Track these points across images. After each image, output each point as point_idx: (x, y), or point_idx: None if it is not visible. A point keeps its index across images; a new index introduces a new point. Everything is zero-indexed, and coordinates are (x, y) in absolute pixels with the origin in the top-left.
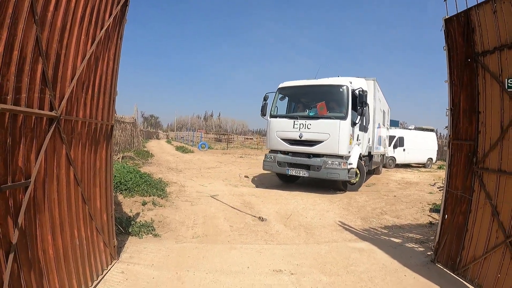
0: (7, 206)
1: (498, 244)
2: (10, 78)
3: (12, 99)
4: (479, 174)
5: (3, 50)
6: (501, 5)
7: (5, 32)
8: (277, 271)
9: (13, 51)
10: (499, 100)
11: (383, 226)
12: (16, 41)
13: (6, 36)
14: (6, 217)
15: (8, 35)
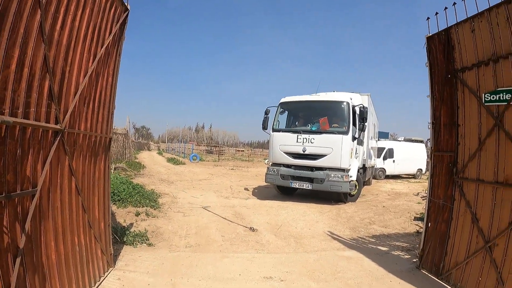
0: (15, 212)
1: (479, 249)
2: (20, 94)
3: (22, 112)
4: (459, 183)
5: (15, 67)
6: (478, 24)
7: (17, 50)
8: (267, 278)
9: (23, 68)
10: (477, 114)
11: (371, 236)
12: (27, 59)
13: (18, 54)
14: (15, 223)
15: (20, 54)
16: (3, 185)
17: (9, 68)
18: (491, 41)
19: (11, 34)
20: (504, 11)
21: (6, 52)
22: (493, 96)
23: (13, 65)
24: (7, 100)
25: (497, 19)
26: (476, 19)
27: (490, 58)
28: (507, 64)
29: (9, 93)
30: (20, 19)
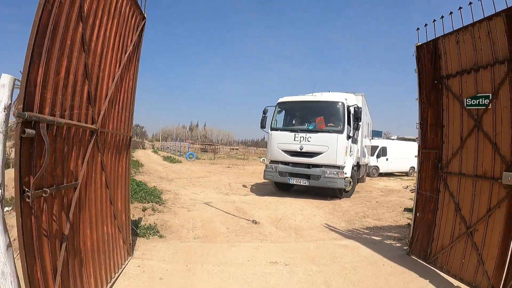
0: (62, 203)
1: (461, 235)
2: (67, 98)
3: (69, 114)
4: (443, 177)
5: (64, 74)
6: (463, 36)
7: (65, 60)
8: (273, 263)
9: (69, 75)
10: (459, 116)
11: (365, 227)
12: (72, 67)
13: (65, 63)
14: (61, 212)
15: (67, 62)
16: (54, 178)
17: (59, 75)
18: (473, 52)
19: (61, 45)
20: (485, 26)
21: (58, 61)
22: (474, 101)
23: (62, 72)
24: (58, 104)
25: (479, 33)
26: (461, 32)
27: (472, 68)
28: (486, 73)
29: (59, 97)
30: (67, 32)
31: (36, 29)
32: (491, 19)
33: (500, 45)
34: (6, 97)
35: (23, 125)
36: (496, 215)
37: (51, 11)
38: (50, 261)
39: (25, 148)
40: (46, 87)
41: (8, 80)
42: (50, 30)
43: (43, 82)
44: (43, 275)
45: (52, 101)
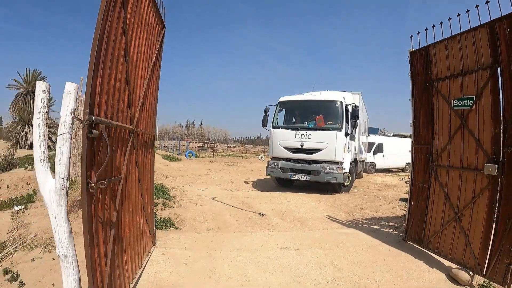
0: (111, 194)
1: (450, 220)
2: (115, 102)
3: (116, 117)
4: (434, 169)
5: (113, 82)
6: (451, 45)
7: (114, 69)
8: (284, 248)
9: (116, 83)
10: (448, 115)
11: (364, 218)
12: (118, 75)
13: (114, 72)
14: (110, 202)
15: (115, 72)
16: (106, 173)
17: (110, 83)
18: (460, 59)
19: (111, 57)
20: (471, 36)
21: (109, 71)
22: (460, 102)
23: (112, 81)
24: (109, 107)
25: (466, 42)
26: (450, 40)
27: (459, 73)
28: (471, 78)
29: (110, 102)
30: (115, 45)
31: (97, 44)
32: (476, 30)
33: (483, 53)
34: (72, 103)
35: (89, 127)
36: (480, 201)
37: (105, 27)
38: (103, 245)
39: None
40: (102, 93)
41: (73, 88)
42: (104, 44)
43: (100, 90)
44: (98, 257)
45: (106, 106)
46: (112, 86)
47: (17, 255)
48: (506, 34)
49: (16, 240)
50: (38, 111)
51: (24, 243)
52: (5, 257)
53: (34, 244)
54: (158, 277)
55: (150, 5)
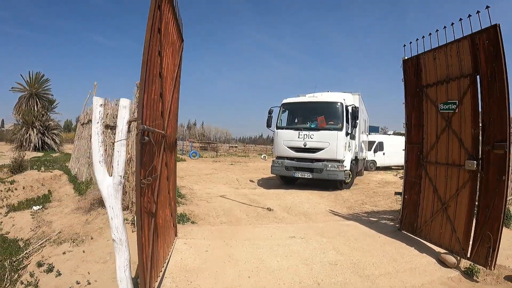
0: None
1: (438, 210)
2: (153, 112)
3: (155, 124)
4: (424, 166)
5: (153, 96)
6: (438, 54)
7: (153, 86)
8: (292, 237)
9: (154, 96)
10: (435, 118)
11: (363, 212)
12: (155, 90)
13: (154, 88)
14: (151, 196)
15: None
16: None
17: (151, 97)
18: (446, 67)
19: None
20: (455, 47)
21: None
22: (445, 106)
23: (152, 95)
24: (151, 117)
25: (451, 52)
26: (437, 50)
27: (445, 79)
28: (455, 84)
29: (151, 113)
30: (154, 65)
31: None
32: (460, 41)
33: (465, 62)
34: (127, 115)
35: (141, 134)
36: (463, 193)
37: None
38: (147, 231)
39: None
40: (147, 106)
41: (127, 102)
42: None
43: (146, 103)
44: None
45: (149, 116)
46: (152, 99)
47: (46, 250)
48: (485, 45)
49: (40, 237)
50: (97, 121)
51: (50, 239)
52: (33, 252)
53: (61, 240)
54: (184, 262)
55: (174, 25)
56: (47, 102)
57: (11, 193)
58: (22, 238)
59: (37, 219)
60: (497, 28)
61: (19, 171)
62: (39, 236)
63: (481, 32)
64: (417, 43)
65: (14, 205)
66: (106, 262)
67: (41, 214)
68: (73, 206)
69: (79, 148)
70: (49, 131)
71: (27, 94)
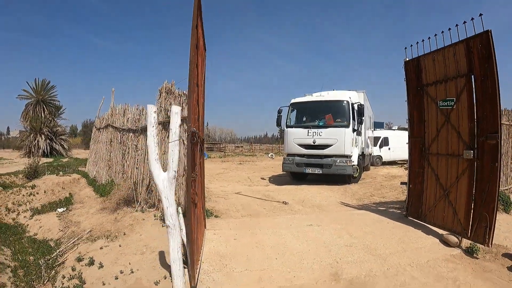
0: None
1: (441, 196)
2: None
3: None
4: (427, 157)
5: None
6: (437, 56)
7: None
8: (309, 225)
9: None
10: (435, 114)
11: (372, 203)
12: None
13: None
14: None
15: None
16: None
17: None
18: (444, 68)
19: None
20: (452, 49)
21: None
22: (444, 103)
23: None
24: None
25: (448, 55)
26: (436, 53)
27: (443, 79)
28: (453, 83)
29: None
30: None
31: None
32: (456, 45)
33: (461, 63)
34: (178, 119)
35: (191, 136)
36: (462, 180)
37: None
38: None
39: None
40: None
41: (178, 109)
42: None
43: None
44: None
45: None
46: (194, 105)
47: (82, 247)
48: (478, 48)
49: (71, 236)
50: (152, 126)
51: (82, 237)
52: (67, 250)
53: (94, 237)
54: (216, 249)
55: (202, 37)
56: (54, 108)
57: (33, 197)
58: (51, 239)
59: (64, 220)
60: (489, 33)
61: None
62: (69, 236)
63: (475, 37)
64: (417, 46)
65: (37, 208)
66: (143, 254)
67: (66, 215)
68: (98, 207)
69: (97, 152)
70: (57, 137)
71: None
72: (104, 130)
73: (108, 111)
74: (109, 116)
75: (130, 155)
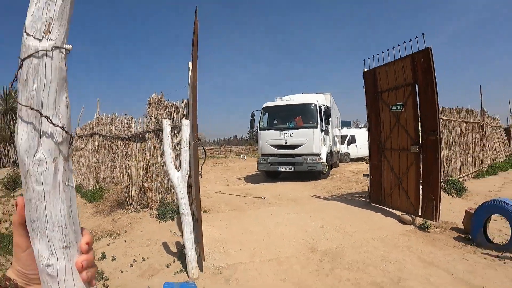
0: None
1: (396, 184)
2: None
3: None
4: (383, 152)
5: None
6: (389, 68)
7: (193, 106)
8: (287, 214)
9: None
10: (388, 116)
11: (340, 194)
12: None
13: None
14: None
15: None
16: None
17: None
18: (395, 78)
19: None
20: (401, 63)
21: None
22: (395, 107)
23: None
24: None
25: (397, 67)
26: (388, 65)
27: (394, 87)
28: (401, 90)
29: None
30: (195, 89)
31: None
32: (404, 59)
33: (408, 74)
34: (189, 130)
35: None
36: (411, 169)
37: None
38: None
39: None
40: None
41: (187, 122)
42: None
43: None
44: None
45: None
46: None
47: None
48: (421, 62)
49: None
50: (167, 136)
51: None
52: None
53: (97, 237)
54: (212, 236)
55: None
56: None
57: None
58: None
59: None
60: (429, 50)
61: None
62: None
63: (418, 52)
64: (373, 59)
65: None
66: (149, 245)
67: None
68: (92, 211)
69: (80, 159)
70: None
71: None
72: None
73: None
74: (95, 124)
75: (120, 161)
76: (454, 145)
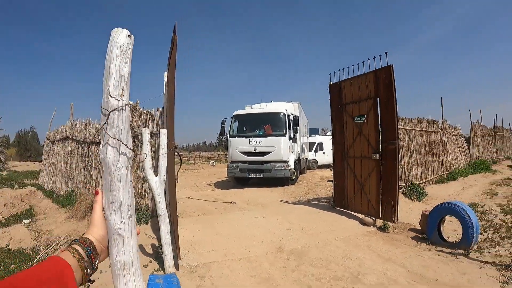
0: None
1: (358, 189)
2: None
3: None
4: (346, 159)
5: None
6: (353, 82)
7: (171, 116)
8: (256, 217)
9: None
10: (352, 126)
11: (307, 199)
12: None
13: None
14: None
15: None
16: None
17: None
18: (358, 91)
19: (172, 108)
20: (365, 77)
21: (171, 117)
22: (358, 118)
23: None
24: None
25: (361, 81)
26: (352, 79)
27: (357, 100)
28: (364, 103)
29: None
30: (172, 100)
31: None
32: (368, 74)
33: (371, 88)
34: (165, 139)
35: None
36: (372, 175)
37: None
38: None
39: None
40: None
41: (165, 132)
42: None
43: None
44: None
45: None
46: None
47: None
48: (383, 77)
49: (47, 243)
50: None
51: (59, 243)
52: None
53: None
54: (186, 238)
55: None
56: None
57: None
58: (26, 248)
59: (34, 230)
60: (391, 67)
61: None
62: (45, 243)
63: (381, 69)
64: (339, 73)
65: (2, 222)
66: None
67: (34, 226)
68: (66, 215)
69: (51, 164)
70: None
71: None
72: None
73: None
74: (68, 129)
75: (94, 166)
76: (415, 152)
